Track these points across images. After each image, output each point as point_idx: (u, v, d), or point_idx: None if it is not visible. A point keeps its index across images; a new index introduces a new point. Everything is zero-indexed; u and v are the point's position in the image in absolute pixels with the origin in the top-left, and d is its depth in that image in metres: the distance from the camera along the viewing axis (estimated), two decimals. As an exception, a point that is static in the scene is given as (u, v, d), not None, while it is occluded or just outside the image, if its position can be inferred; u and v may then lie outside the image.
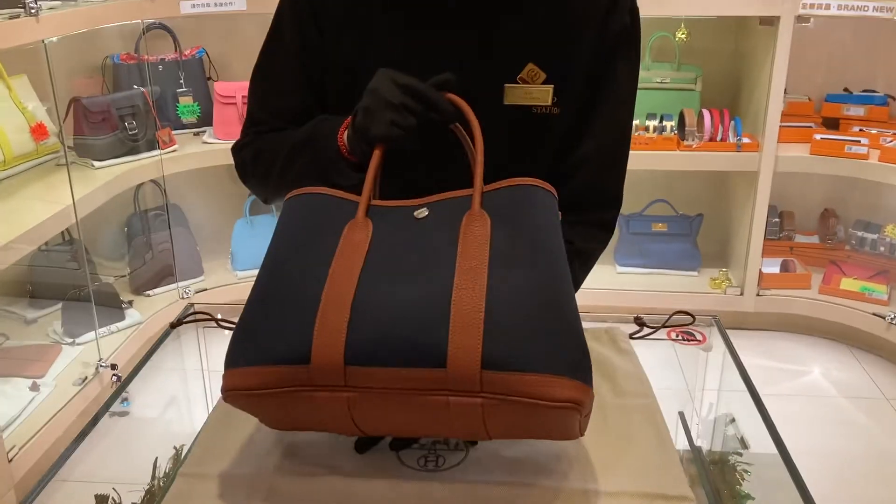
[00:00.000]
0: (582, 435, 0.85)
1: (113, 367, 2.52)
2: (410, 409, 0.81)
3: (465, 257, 0.83)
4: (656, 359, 1.19)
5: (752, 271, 2.96)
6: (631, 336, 1.20)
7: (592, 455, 0.93)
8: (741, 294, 2.98)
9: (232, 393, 0.82)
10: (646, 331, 1.20)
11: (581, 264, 1.11)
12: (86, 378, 2.42)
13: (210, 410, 1.23)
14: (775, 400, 2.51)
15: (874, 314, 2.84)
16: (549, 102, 1.06)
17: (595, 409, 1.02)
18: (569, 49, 1.06)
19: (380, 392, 0.79)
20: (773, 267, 3.06)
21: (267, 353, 0.81)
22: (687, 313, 1.22)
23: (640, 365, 1.12)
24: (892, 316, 2.78)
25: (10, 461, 2.05)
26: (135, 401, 1.07)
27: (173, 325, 1.16)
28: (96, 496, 0.99)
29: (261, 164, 1.13)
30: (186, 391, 1.26)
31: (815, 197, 3.19)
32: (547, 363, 0.78)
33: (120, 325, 2.71)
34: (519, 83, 1.05)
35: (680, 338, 1.21)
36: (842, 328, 2.95)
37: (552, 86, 1.06)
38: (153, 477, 1.07)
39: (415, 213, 0.91)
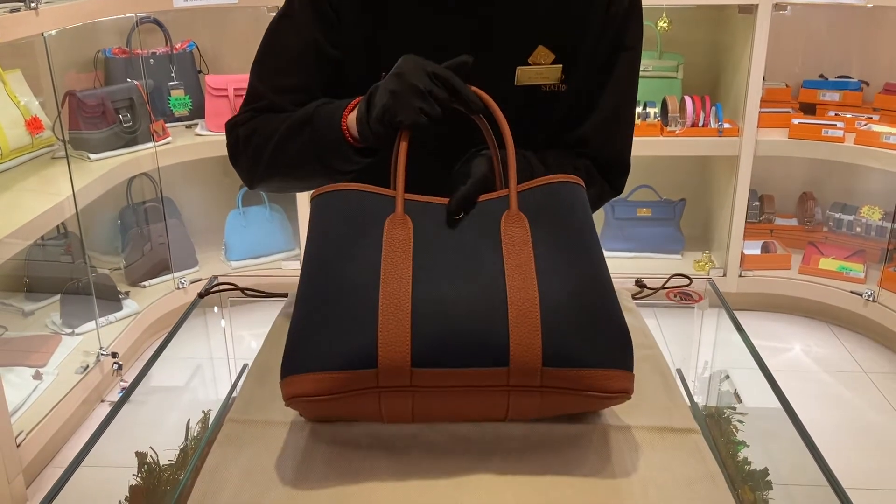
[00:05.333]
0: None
1: (114, 355, 2.56)
2: (470, 401, 0.87)
3: (511, 257, 0.86)
4: (654, 321, 1.26)
5: (734, 253, 3.04)
6: (633, 297, 1.27)
7: (606, 399, 1.00)
8: (724, 275, 3.05)
9: (296, 400, 0.84)
10: (646, 291, 1.27)
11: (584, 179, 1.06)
12: (87, 366, 2.46)
13: (235, 375, 1.29)
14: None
15: (852, 292, 2.92)
16: (558, 80, 1.11)
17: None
18: (576, 30, 1.10)
19: (443, 389, 0.84)
20: (753, 249, 3.13)
21: (331, 360, 0.82)
22: (684, 276, 1.30)
23: (644, 321, 1.19)
24: (869, 293, 2.86)
25: (18, 446, 2.08)
26: (162, 371, 1.12)
27: (201, 295, 1.21)
28: (136, 453, 1.05)
29: (254, 142, 1.09)
30: (211, 359, 1.31)
31: (794, 180, 3.27)
32: (602, 359, 0.86)
33: (118, 314, 2.75)
34: (530, 64, 1.10)
35: (678, 298, 1.29)
36: (821, 306, 3.03)
37: (561, 65, 1.10)
38: (186, 437, 1.13)
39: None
